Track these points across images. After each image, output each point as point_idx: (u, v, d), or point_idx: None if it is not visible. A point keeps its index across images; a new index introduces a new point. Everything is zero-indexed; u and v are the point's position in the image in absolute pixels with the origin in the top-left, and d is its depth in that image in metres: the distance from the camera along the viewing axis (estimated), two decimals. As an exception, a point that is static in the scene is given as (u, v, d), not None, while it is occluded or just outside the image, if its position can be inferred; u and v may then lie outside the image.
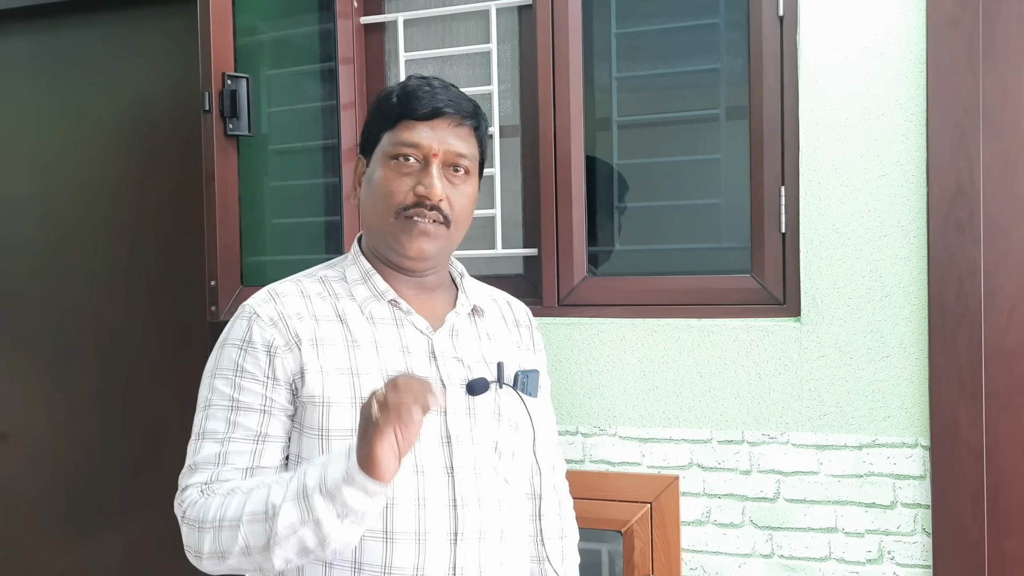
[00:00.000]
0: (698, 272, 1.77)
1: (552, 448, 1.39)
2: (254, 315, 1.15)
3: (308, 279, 1.22)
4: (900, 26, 1.55)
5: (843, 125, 1.59)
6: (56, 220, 2.21)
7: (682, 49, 1.81)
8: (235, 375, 1.13)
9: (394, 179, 1.17)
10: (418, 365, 1.18)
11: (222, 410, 1.12)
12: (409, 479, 1.12)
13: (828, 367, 1.60)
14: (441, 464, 1.14)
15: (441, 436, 1.15)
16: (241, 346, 1.14)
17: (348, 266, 1.24)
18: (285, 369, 1.12)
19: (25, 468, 2.27)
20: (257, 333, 1.13)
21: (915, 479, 1.57)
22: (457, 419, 1.17)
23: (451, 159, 1.19)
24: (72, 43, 2.17)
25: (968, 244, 1.52)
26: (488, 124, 1.28)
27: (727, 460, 1.66)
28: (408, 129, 1.18)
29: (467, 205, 1.22)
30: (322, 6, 1.91)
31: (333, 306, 1.18)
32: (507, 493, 1.21)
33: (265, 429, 1.12)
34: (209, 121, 1.53)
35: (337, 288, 1.21)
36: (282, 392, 1.12)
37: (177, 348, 2.10)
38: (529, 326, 1.38)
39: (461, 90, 1.24)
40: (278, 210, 1.85)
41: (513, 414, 1.23)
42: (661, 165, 1.84)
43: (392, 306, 1.20)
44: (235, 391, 1.12)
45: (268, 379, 1.12)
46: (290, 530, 0.99)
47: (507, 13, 1.90)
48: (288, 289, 1.19)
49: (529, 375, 1.25)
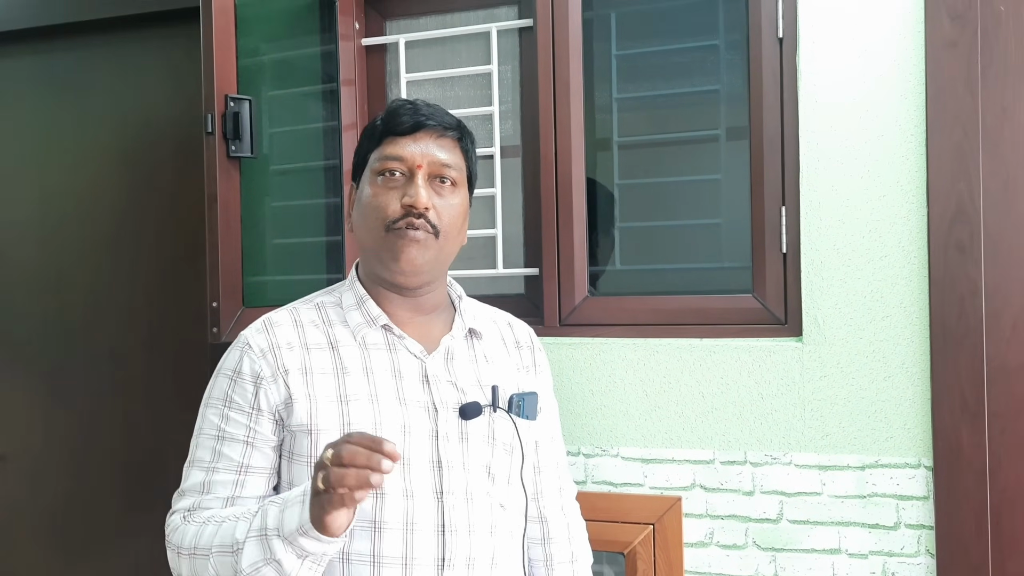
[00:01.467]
0: (699, 292, 1.77)
1: (559, 470, 1.38)
2: (246, 346, 1.17)
3: (305, 306, 1.24)
4: (899, 48, 1.56)
5: (843, 146, 1.59)
6: (56, 240, 2.21)
7: (682, 70, 1.81)
8: (224, 405, 1.16)
9: (381, 194, 1.18)
10: (411, 389, 1.17)
11: (210, 439, 1.16)
12: (399, 503, 1.12)
13: (830, 387, 1.60)
14: (431, 489, 1.14)
15: (432, 461, 1.15)
16: (232, 376, 1.17)
17: (344, 292, 1.25)
18: (269, 400, 1.14)
19: (24, 489, 2.26)
20: (247, 364, 1.16)
21: (919, 500, 1.56)
22: (449, 444, 1.16)
23: (436, 170, 1.19)
24: (74, 64, 2.18)
25: (969, 264, 1.52)
26: (474, 140, 1.28)
27: (730, 481, 1.66)
28: (392, 144, 1.19)
29: (456, 216, 1.21)
30: (324, 28, 1.91)
31: (326, 333, 1.19)
32: (502, 518, 1.20)
33: (248, 461, 1.14)
34: (212, 143, 1.54)
35: (332, 315, 1.22)
36: (266, 424, 1.14)
37: (177, 369, 2.09)
38: (531, 347, 1.37)
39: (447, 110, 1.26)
40: (279, 230, 1.85)
41: (508, 438, 1.22)
42: (662, 185, 1.84)
43: (385, 331, 1.21)
44: (223, 421, 1.15)
45: (253, 410, 1.14)
46: (253, 568, 1.02)
47: (508, 35, 1.91)
48: (283, 318, 1.21)
49: (525, 398, 1.25)
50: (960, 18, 1.52)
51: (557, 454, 1.38)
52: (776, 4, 1.66)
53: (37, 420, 2.24)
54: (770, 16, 1.67)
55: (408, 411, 1.16)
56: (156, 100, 2.10)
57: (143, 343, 2.14)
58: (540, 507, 1.34)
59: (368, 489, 0.92)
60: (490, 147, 1.89)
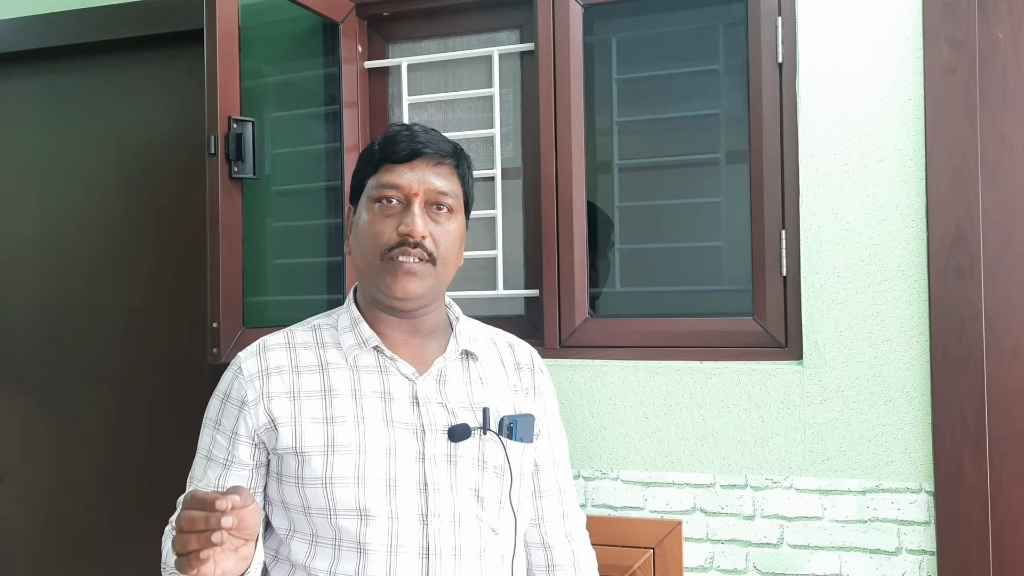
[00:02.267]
0: (699, 314, 1.77)
1: (563, 496, 1.35)
2: (239, 370, 1.20)
3: (301, 328, 1.26)
4: (898, 74, 1.58)
5: (843, 170, 1.60)
6: (57, 260, 2.21)
7: (682, 94, 1.83)
8: (213, 427, 1.21)
9: (378, 221, 1.19)
10: (399, 411, 1.17)
11: (200, 458, 1.21)
12: (383, 525, 1.12)
13: (831, 411, 1.60)
14: (416, 511, 1.14)
15: (418, 483, 1.15)
16: (222, 399, 1.21)
17: (341, 314, 1.26)
18: (248, 425, 1.16)
19: (20, 508, 2.25)
20: (236, 388, 1.19)
21: (920, 525, 1.55)
22: (436, 466, 1.16)
23: (433, 198, 1.20)
24: (78, 84, 2.19)
25: (969, 288, 1.53)
26: (470, 165, 1.29)
27: (730, 505, 1.65)
28: (389, 172, 1.20)
29: (453, 242, 1.22)
30: (327, 50, 1.93)
31: (318, 355, 1.21)
32: (492, 542, 1.19)
33: (222, 483, 1.17)
34: (214, 164, 1.54)
35: (326, 336, 1.24)
36: (243, 449, 1.17)
37: (178, 389, 2.09)
38: (532, 368, 1.35)
39: (443, 134, 1.26)
40: (280, 251, 1.86)
41: (499, 461, 1.21)
42: (662, 208, 1.85)
43: (377, 352, 1.21)
44: (211, 443, 1.20)
45: (233, 435, 1.18)
46: None
47: (509, 58, 1.93)
48: (277, 341, 1.23)
49: (518, 420, 1.24)
50: (959, 44, 1.54)
51: (561, 479, 1.35)
52: (775, 30, 1.68)
53: (34, 439, 2.23)
54: (769, 42, 1.69)
55: (394, 432, 1.16)
56: (158, 120, 2.12)
57: (143, 363, 2.13)
58: (542, 533, 1.32)
59: (212, 548, 0.92)
60: (491, 169, 1.90)
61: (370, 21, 2.00)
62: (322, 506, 1.12)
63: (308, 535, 1.15)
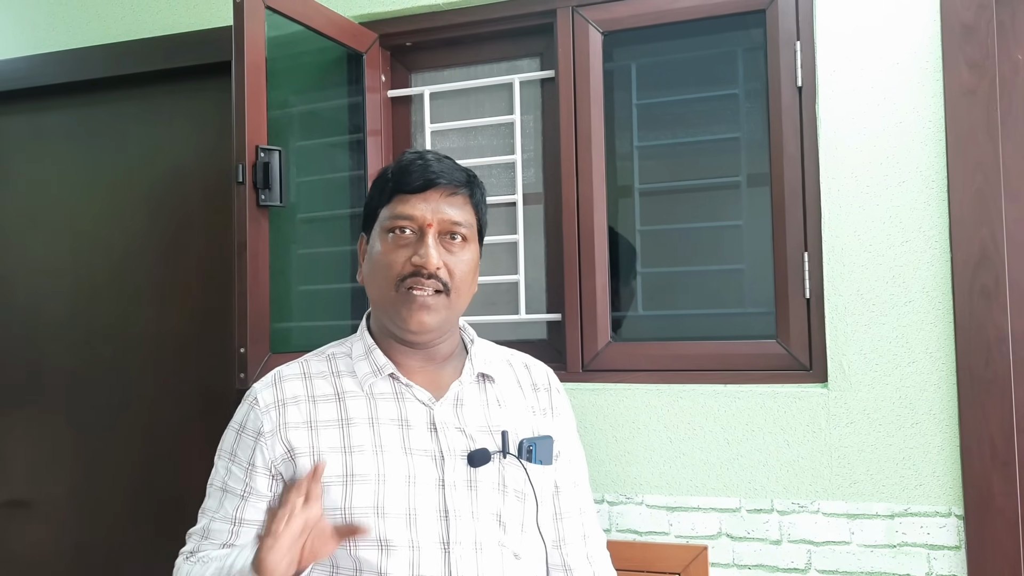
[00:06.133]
0: (722, 337, 1.77)
1: (583, 517, 1.34)
2: (255, 401, 1.20)
3: (316, 358, 1.26)
4: (918, 95, 1.58)
5: (864, 192, 1.60)
6: (87, 286, 2.25)
7: (702, 118, 1.84)
8: (229, 459, 1.21)
9: (391, 252, 1.18)
10: (417, 438, 1.17)
11: (216, 490, 1.21)
12: (404, 555, 1.12)
13: (857, 434, 1.59)
14: (437, 540, 1.13)
15: (439, 510, 1.14)
16: (238, 430, 1.21)
17: (355, 343, 1.26)
18: (264, 456, 1.17)
19: (48, 535, 2.27)
20: (252, 419, 1.19)
21: (950, 550, 1.53)
22: (456, 492, 1.15)
23: (446, 228, 1.19)
24: (108, 116, 2.24)
25: (995, 310, 1.52)
26: (484, 192, 1.28)
27: (757, 529, 1.63)
28: (403, 202, 1.19)
29: (467, 272, 1.22)
30: (352, 80, 1.97)
31: (333, 384, 1.21)
32: (514, 568, 1.18)
33: (241, 514, 1.18)
34: (242, 192, 1.57)
35: (340, 365, 1.24)
36: (260, 480, 1.18)
37: (204, 415, 2.11)
38: (548, 389, 1.33)
39: (456, 162, 1.26)
40: (306, 277, 1.88)
41: (519, 485, 1.20)
42: (683, 231, 1.85)
43: (392, 380, 1.21)
44: (226, 474, 1.20)
45: (249, 466, 1.18)
46: None
47: (530, 85, 1.95)
48: (293, 371, 1.23)
49: (537, 443, 1.23)
50: (978, 67, 1.54)
51: (581, 500, 1.34)
52: (794, 54, 1.69)
53: (61, 464, 2.26)
54: (789, 66, 1.70)
55: (413, 460, 1.16)
56: (186, 149, 2.16)
57: (170, 388, 2.16)
58: (563, 555, 1.30)
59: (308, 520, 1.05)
60: (513, 194, 1.92)
61: (393, 51, 2.04)
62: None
63: (328, 566, 1.15)
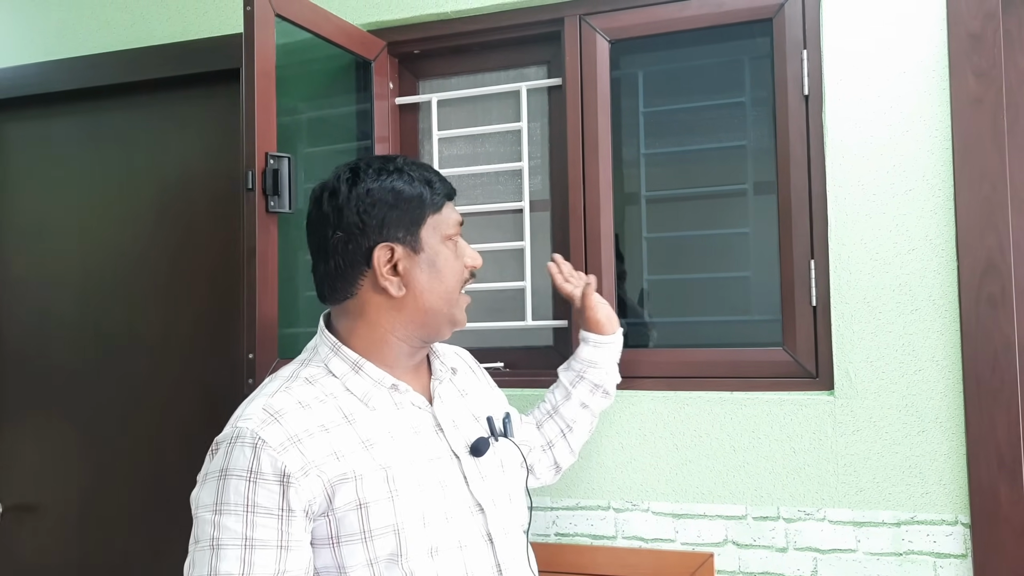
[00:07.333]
0: (729, 344, 1.77)
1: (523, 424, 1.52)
2: (260, 441, 1.04)
3: (296, 385, 1.14)
4: (925, 104, 1.58)
5: (871, 200, 1.61)
6: (96, 291, 2.26)
7: (709, 126, 1.84)
8: (246, 511, 1.02)
9: (456, 258, 1.24)
10: (431, 443, 1.18)
11: (233, 548, 1.01)
12: (454, 555, 1.12)
13: (863, 442, 1.59)
14: (479, 534, 1.16)
15: (471, 507, 1.17)
16: (248, 477, 1.03)
17: (329, 359, 1.18)
18: (300, 497, 1.03)
19: (54, 541, 2.28)
20: (267, 462, 1.03)
21: (956, 558, 1.53)
22: (483, 484, 1.20)
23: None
24: (117, 123, 2.26)
25: (1001, 318, 1.52)
26: None
27: (763, 537, 1.63)
28: (451, 209, 1.25)
29: None
30: (360, 87, 1.98)
31: (336, 408, 1.13)
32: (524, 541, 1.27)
33: (284, 566, 1.03)
34: (252, 199, 1.58)
35: (329, 386, 1.15)
36: (299, 523, 1.04)
37: (212, 420, 2.11)
38: (478, 365, 1.47)
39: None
40: (312, 283, 1.88)
41: (511, 460, 1.29)
42: (690, 238, 1.86)
43: (391, 391, 1.18)
44: (248, 528, 1.02)
45: (283, 511, 1.03)
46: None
47: (537, 93, 1.96)
48: (284, 403, 1.10)
49: (507, 416, 1.32)
50: (985, 75, 1.54)
51: (516, 415, 1.47)
52: (801, 62, 1.70)
53: (69, 469, 2.26)
54: (795, 74, 1.70)
55: (438, 465, 1.17)
56: (195, 156, 2.17)
57: (178, 394, 2.16)
58: (553, 455, 1.54)
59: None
60: (519, 201, 1.93)
61: (401, 59, 2.05)
62: (392, 551, 1.07)
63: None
